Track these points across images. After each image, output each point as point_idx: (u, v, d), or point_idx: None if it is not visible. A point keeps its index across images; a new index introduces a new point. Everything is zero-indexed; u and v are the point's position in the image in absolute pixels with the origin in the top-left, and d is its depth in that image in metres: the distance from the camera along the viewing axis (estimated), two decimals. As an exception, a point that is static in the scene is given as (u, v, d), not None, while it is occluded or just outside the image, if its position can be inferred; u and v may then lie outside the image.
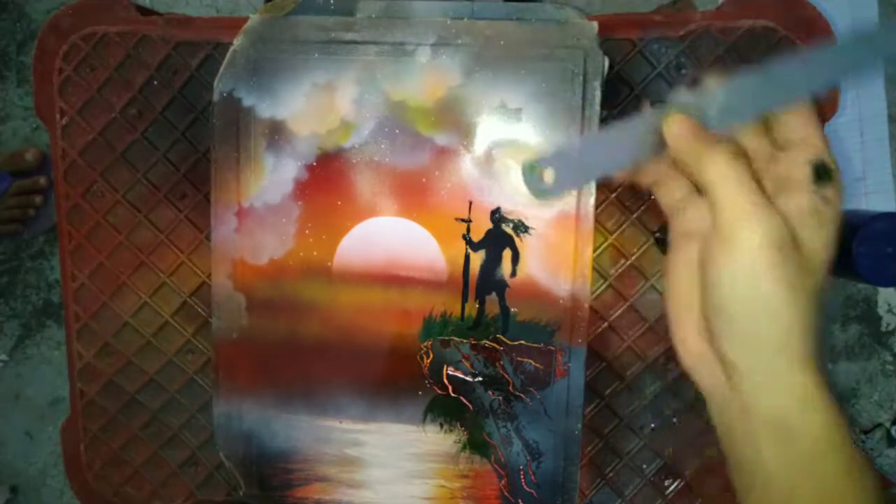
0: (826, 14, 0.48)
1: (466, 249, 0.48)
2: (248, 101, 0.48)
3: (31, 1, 1.15)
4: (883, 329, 1.09)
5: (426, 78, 0.47)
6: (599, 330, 0.51)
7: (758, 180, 0.31)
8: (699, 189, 0.34)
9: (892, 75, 1.03)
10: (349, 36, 0.47)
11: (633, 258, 0.50)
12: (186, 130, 0.51)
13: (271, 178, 0.48)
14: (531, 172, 0.35)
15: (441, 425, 0.50)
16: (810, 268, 0.30)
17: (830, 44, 0.31)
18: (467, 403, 0.50)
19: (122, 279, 0.52)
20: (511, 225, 0.47)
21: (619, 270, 0.51)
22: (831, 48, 0.31)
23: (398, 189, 0.48)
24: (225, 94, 0.48)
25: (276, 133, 0.48)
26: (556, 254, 0.47)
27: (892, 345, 1.09)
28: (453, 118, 0.47)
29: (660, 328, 0.51)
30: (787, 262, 0.29)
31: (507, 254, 0.48)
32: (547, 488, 0.50)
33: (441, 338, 0.49)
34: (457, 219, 0.47)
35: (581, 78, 0.46)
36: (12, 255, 1.16)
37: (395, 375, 0.50)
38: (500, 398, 0.49)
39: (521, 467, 0.50)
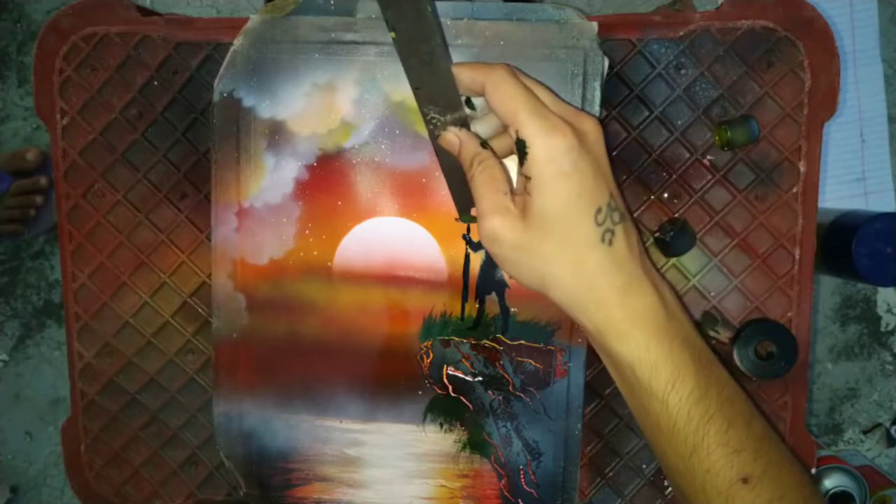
0: (826, 14, 0.48)
1: (466, 249, 0.48)
2: (248, 102, 0.48)
3: (32, 1, 1.15)
4: (882, 329, 1.09)
5: (426, 78, 0.47)
6: (599, 330, 0.51)
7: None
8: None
9: (891, 76, 1.03)
10: (349, 36, 0.47)
11: (633, 258, 0.50)
12: (187, 131, 0.51)
13: (271, 179, 0.49)
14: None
15: (441, 425, 0.50)
16: (533, 248, 0.37)
17: None
18: (467, 403, 0.50)
19: (123, 279, 0.53)
20: (511, 225, 0.47)
21: (619, 270, 0.51)
22: None
23: (398, 189, 0.48)
24: (225, 95, 0.48)
25: (277, 133, 0.48)
26: (556, 254, 0.47)
27: (892, 345, 1.09)
28: (453, 118, 0.47)
29: (659, 328, 0.51)
30: (504, 248, 0.38)
31: (506, 254, 0.48)
32: (547, 488, 0.50)
33: (441, 338, 0.49)
34: (457, 219, 0.47)
35: (581, 78, 0.46)
36: (13, 255, 1.16)
37: (395, 375, 0.50)
38: (500, 398, 0.49)
39: (521, 467, 0.50)
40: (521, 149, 0.37)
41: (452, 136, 0.40)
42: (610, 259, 0.37)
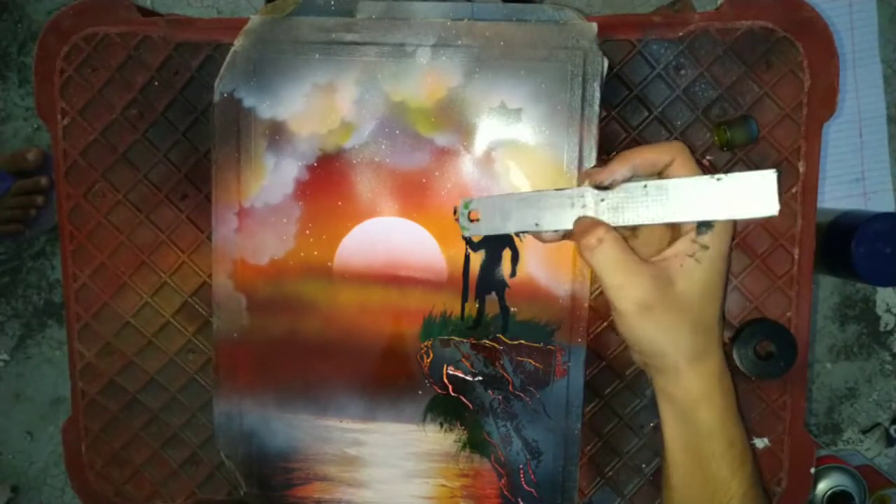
0: (825, 14, 0.48)
1: (466, 249, 0.48)
2: (248, 102, 0.48)
3: (33, 1, 1.15)
4: (881, 329, 1.09)
5: (426, 79, 0.47)
6: (599, 329, 0.51)
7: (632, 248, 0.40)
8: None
9: (890, 76, 1.03)
10: (349, 37, 0.47)
11: (633, 258, 0.51)
12: (187, 131, 0.52)
13: (272, 179, 0.49)
14: (464, 209, 0.44)
15: (441, 424, 0.50)
16: (683, 305, 0.38)
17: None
18: (467, 403, 0.50)
19: (124, 279, 0.53)
20: (511, 225, 0.47)
21: (619, 270, 0.51)
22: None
23: (398, 189, 0.48)
24: (226, 95, 0.48)
25: (277, 133, 0.48)
26: (556, 253, 0.48)
27: (891, 344, 1.09)
28: (453, 119, 0.48)
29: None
30: (652, 313, 0.38)
31: (506, 253, 0.48)
32: (547, 487, 0.50)
33: (441, 337, 0.49)
34: (457, 219, 0.47)
35: (580, 79, 0.46)
36: (13, 255, 1.16)
37: (396, 375, 0.50)
38: (500, 397, 0.49)
39: (521, 466, 0.50)
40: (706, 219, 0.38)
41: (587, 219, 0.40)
42: (721, 337, 0.41)
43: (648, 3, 1.09)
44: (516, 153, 0.47)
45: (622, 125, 0.50)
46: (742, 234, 0.50)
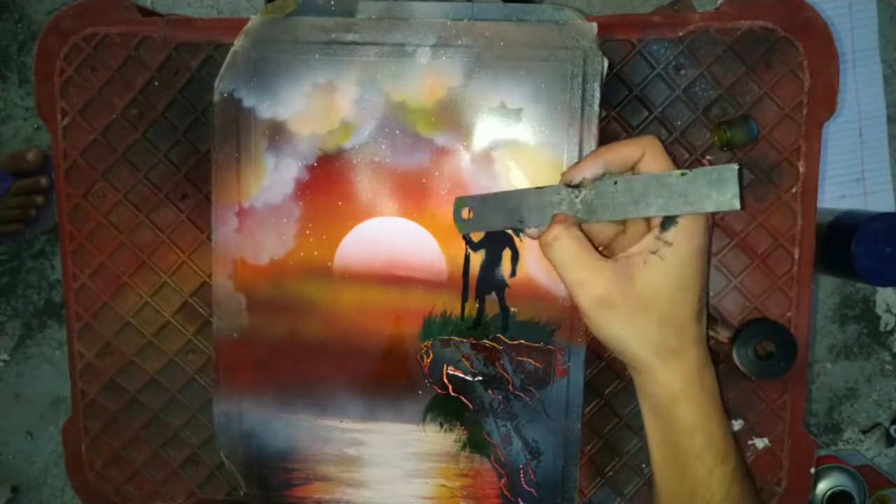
0: (825, 14, 0.48)
1: (466, 249, 0.48)
2: (248, 102, 0.48)
3: (33, 1, 1.15)
4: (881, 329, 1.09)
5: (426, 79, 0.47)
6: (599, 330, 0.51)
7: (595, 247, 0.40)
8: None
9: (890, 76, 1.03)
10: (349, 37, 0.47)
11: (633, 258, 0.51)
12: (187, 131, 0.52)
13: (272, 179, 0.49)
14: (458, 207, 0.46)
15: (441, 424, 0.50)
16: (647, 302, 0.38)
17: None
18: (467, 403, 0.50)
19: (124, 279, 0.53)
20: (511, 225, 0.47)
21: (619, 270, 0.51)
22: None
23: (398, 189, 0.48)
24: (225, 95, 0.48)
25: (277, 133, 0.48)
26: (556, 254, 0.48)
27: (891, 344, 1.09)
28: (453, 119, 0.48)
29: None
30: (614, 310, 0.38)
31: (506, 254, 0.48)
32: (547, 487, 0.50)
33: (441, 337, 0.49)
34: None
35: (580, 79, 0.46)
36: (13, 254, 1.16)
37: (396, 375, 0.50)
38: (500, 397, 0.49)
39: (521, 466, 0.50)
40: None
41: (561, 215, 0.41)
42: (700, 333, 0.40)
43: (648, 3, 1.09)
44: (516, 153, 0.47)
45: (622, 125, 0.50)
46: (742, 234, 0.50)
